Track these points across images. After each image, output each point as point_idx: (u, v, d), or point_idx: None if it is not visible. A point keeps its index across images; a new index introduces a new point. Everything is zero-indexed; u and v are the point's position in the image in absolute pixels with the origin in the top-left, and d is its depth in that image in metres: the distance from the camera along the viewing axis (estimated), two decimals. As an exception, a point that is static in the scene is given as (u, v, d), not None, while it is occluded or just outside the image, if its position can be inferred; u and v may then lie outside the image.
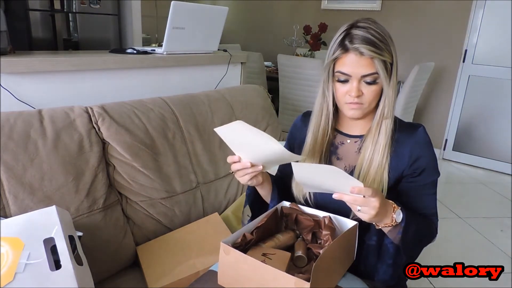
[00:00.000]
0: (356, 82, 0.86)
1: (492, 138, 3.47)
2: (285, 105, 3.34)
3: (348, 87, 0.87)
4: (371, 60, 0.83)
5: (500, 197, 2.96)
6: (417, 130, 0.93)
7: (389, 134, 0.90)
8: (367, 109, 0.90)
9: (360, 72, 0.85)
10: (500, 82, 3.35)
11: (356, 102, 0.88)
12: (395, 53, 0.88)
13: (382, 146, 0.90)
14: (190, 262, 1.16)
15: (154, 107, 1.43)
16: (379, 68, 0.84)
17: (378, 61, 0.83)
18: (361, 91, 0.87)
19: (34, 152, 1.07)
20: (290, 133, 1.12)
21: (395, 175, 0.92)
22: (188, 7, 1.71)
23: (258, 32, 5.09)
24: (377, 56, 0.83)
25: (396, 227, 0.84)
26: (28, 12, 2.76)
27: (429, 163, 0.92)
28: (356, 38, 0.83)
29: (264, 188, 1.01)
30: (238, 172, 0.89)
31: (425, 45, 3.66)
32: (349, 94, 0.88)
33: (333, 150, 1.00)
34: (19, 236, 0.84)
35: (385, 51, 0.84)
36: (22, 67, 1.30)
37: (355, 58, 0.84)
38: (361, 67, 0.84)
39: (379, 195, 0.76)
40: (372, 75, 0.85)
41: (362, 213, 0.77)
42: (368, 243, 0.95)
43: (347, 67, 0.86)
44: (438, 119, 3.74)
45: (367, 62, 0.84)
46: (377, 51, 0.83)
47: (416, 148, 0.91)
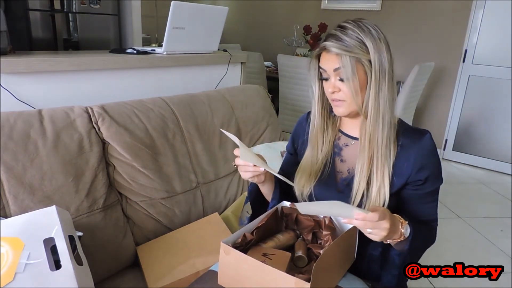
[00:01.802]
0: (333, 78, 0.89)
1: (492, 138, 3.47)
2: (285, 105, 3.34)
3: (328, 83, 0.90)
4: (338, 56, 0.86)
5: (500, 197, 2.96)
6: (424, 137, 0.91)
7: (386, 138, 0.88)
8: (352, 105, 0.89)
9: (331, 67, 0.88)
10: (500, 82, 3.35)
11: (337, 99, 0.90)
12: (381, 51, 0.86)
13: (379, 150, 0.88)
14: (190, 262, 1.16)
15: (154, 107, 1.43)
16: (346, 64, 0.85)
17: (345, 57, 0.85)
18: (337, 87, 0.89)
19: (34, 152, 1.07)
20: (294, 131, 1.12)
21: (401, 181, 0.91)
22: (188, 7, 1.71)
23: (258, 32, 5.09)
24: (344, 53, 0.84)
25: (403, 241, 0.84)
26: (28, 12, 2.76)
27: (433, 171, 0.91)
28: (330, 37, 0.88)
29: (266, 187, 1.01)
30: (240, 167, 0.90)
31: (425, 45, 3.66)
32: (330, 91, 0.90)
33: (337, 151, 1.00)
34: (19, 236, 0.84)
35: (357, 48, 0.85)
36: (22, 67, 1.30)
37: (326, 55, 0.89)
38: (331, 62, 0.88)
39: (388, 216, 0.76)
40: (337, 70, 0.87)
41: (373, 235, 0.77)
42: (372, 253, 0.94)
43: (322, 62, 0.90)
44: (438, 119, 3.74)
45: (334, 58, 0.87)
46: (343, 47, 0.85)
47: (422, 156, 0.89)
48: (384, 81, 0.87)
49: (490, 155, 3.50)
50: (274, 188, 1.02)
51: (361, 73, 0.86)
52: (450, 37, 3.52)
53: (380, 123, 0.88)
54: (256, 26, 5.11)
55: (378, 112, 0.88)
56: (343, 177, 0.97)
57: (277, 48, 4.36)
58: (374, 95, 0.87)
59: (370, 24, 0.87)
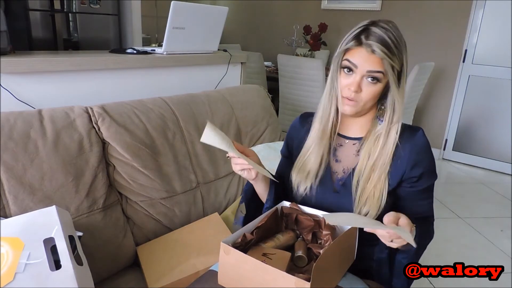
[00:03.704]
0: (359, 76, 0.86)
1: (492, 138, 3.47)
2: (285, 105, 3.34)
3: (351, 80, 0.88)
4: (381, 60, 0.84)
5: (500, 197, 2.96)
6: (416, 134, 0.92)
7: (397, 139, 0.90)
8: (362, 108, 0.90)
9: (366, 67, 0.85)
10: (500, 82, 3.35)
11: (353, 98, 0.88)
12: (406, 62, 0.88)
13: (389, 151, 0.90)
14: (190, 262, 1.16)
15: (154, 107, 1.43)
16: (388, 70, 0.84)
17: (387, 63, 0.84)
18: (360, 88, 0.87)
19: (34, 152, 1.07)
20: (288, 134, 1.12)
21: (396, 179, 0.92)
22: (188, 7, 1.71)
23: (258, 32, 5.09)
24: (387, 59, 0.83)
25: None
26: (28, 12, 2.76)
27: (428, 167, 0.92)
28: (372, 35, 0.84)
29: (259, 185, 1.01)
30: (233, 159, 0.92)
31: (425, 45, 3.66)
32: (348, 88, 0.88)
33: (332, 152, 1.00)
34: (19, 236, 0.84)
35: (396, 57, 0.85)
36: (22, 67, 1.30)
37: (366, 54, 0.85)
38: (369, 63, 0.85)
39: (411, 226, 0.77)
40: (377, 72, 0.85)
41: (394, 244, 0.77)
42: (380, 257, 0.94)
43: (356, 59, 0.86)
44: (438, 119, 3.74)
45: (376, 60, 0.84)
46: (389, 54, 0.83)
47: (416, 153, 0.91)
48: (404, 88, 0.89)
49: (490, 155, 3.50)
50: (269, 190, 1.02)
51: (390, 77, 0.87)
52: (450, 37, 3.53)
53: (395, 126, 0.90)
54: (256, 26, 5.11)
55: (393, 115, 0.90)
56: (339, 177, 0.98)
57: (277, 48, 4.36)
58: (395, 100, 0.89)
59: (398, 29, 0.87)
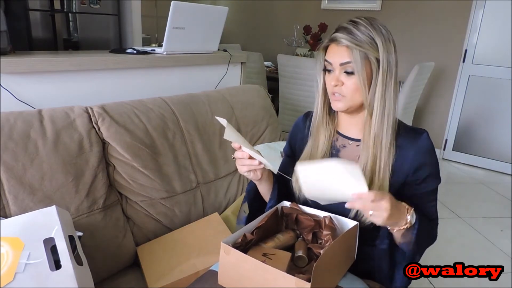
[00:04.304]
0: (337, 71, 0.88)
1: (492, 138, 3.47)
2: (285, 105, 3.34)
3: (332, 76, 0.90)
4: (349, 50, 0.85)
5: (500, 197, 2.96)
6: (421, 137, 0.91)
7: (390, 137, 0.89)
8: (350, 102, 0.90)
9: (338, 60, 0.87)
10: (500, 82, 3.35)
11: (338, 93, 0.89)
12: (390, 51, 0.86)
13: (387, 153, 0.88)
14: (190, 262, 1.16)
15: (154, 107, 1.43)
16: (355, 58, 0.85)
17: (356, 51, 0.84)
18: (341, 81, 0.88)
19: (34, 152, 1.07)
20: (291, 133, 1.12)
21: (399, 181, 0.91)
22: (188, 7, 1.71)
23: (258, 32, 5.09)
24: (354, 46, 0.84)
25: (409, 229, 0.84)
26: (28, 12, 2.76)
27: (431, 170, 0.92)
28: (340, 29, 0.87)
29: (263, 186, 1.01)
30: (238, 160, 0.91)
31: (425, 45, 3.66)
32: (331, 84, 0.90)
33: (335, 153, 1.00)
34: (19, 236, 0.84)
35: (367, 44, 0.85)
36: (22, 67, 1.30)
37: (335, 47, 0.88)
38: (339, 55, 0.87)
39: (388, 196, 0.76)
40: (347, 64, 0.86)
41: (375, 217, 0.77)
42: (380, 248, 0.94)
43: (329, 55, 0.89)
44: (438, 119, 3.74)
45: (344, 52, 0.86)
46: (354, 41, 0.84)
47: (420, 156, 0.90)
48: (390, 81, 0.88)
49: (490, 155, 3.50)
50: (272, 189, 1.01)
51: (368, 69, 0.86)
52: (450, 37, 3.53)
53: (385, 123, 0.88)
54: (256, 26, 5.11)
55: (383, 111, 0.88)
56: None
57: (277, 48, 4.36)
58: (380, 94, 0.87)
59: (381, 24, 0.88)
